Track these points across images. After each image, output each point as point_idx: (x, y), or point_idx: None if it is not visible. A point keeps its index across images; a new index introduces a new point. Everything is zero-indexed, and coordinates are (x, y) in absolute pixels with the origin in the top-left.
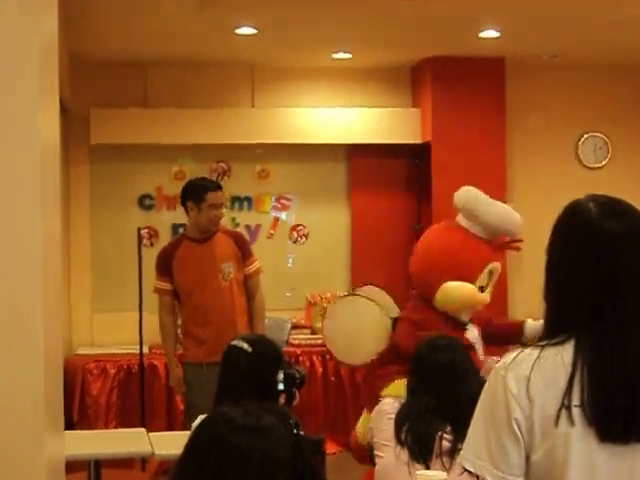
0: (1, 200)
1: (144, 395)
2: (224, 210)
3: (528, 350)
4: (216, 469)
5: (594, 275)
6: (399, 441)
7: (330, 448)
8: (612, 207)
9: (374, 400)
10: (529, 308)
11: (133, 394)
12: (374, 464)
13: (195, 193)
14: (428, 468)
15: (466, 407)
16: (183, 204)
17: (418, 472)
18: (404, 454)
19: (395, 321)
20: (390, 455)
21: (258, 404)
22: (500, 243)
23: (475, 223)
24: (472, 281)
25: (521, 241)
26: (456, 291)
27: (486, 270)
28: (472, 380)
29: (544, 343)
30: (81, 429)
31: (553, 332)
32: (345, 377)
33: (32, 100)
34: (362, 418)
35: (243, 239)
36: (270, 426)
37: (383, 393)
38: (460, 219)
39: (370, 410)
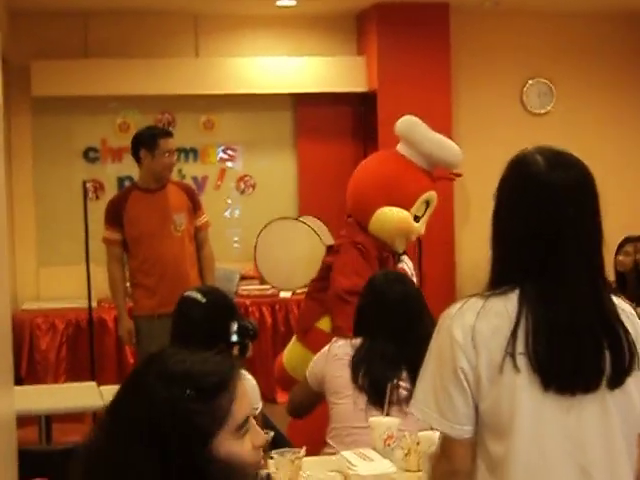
0: None
1: (94, 349)
2: (175, 158)
3: (473, 299)
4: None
5: (539, 226)
6: (357, 386)
7: (282, 397)
8: (558, 159)
9: (306, 326)
10: (475, 253)
11: (82, 348)
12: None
13: (147, 140)
14: (387, 414)
15: (421, 349)
16: (135, 154)
17: (371, 418)
18: (362, 400)
19: (330, 249)
20: (347, 402)
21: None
22: (439, 174)
23: (415, 151)
24: (407, 208)
25: (460, 175)
26: (391, 216)
27: (422, 198)
28: (426, 318)
29: (489, 293)
30: (30, 385)
31: (498, 282)
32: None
33: None
34: (291, 344)
35: (193, 191)
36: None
37: (319, 325)
38: (400, 147)
39: (301, 338)
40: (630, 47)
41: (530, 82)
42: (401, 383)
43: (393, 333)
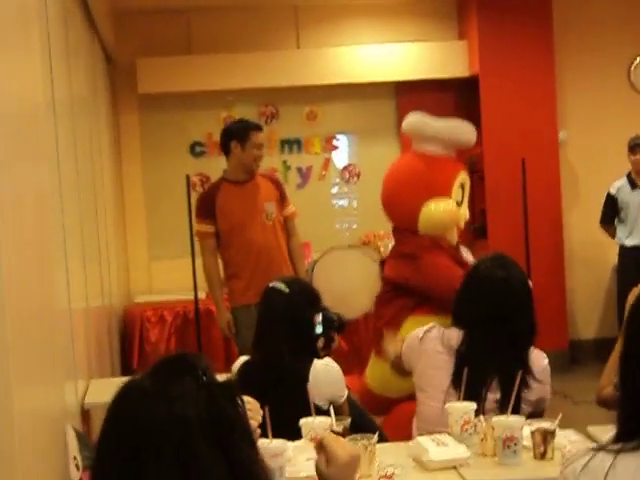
0: None
1: (201, 340)
2: (263, 151)
3: (600, 455)
4: (133, 440)
5: None
6: (455, 387)
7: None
8: None
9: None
10: (584, 234)
11: (191, 339)
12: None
13: (239, 133)
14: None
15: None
16: (225, 145)
17: (448, 404)
18: (454, 396)
19: (382, 264)
20: (435, 404)
21: (165, 361)
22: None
23: (430, 144)
24: (447, 196)
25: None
26: (436, 210)
27: (457, 182)
28: (527, 311)
29: (619, 447)
30: None
31: (630, 432)
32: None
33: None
34: (371, 364)
35: (280, 182)
36: (177, 388)
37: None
38: (416, 146)
39: (379, 354)
40: None
41: (638, 60)
42: (489, 395)
43: (493, 323)
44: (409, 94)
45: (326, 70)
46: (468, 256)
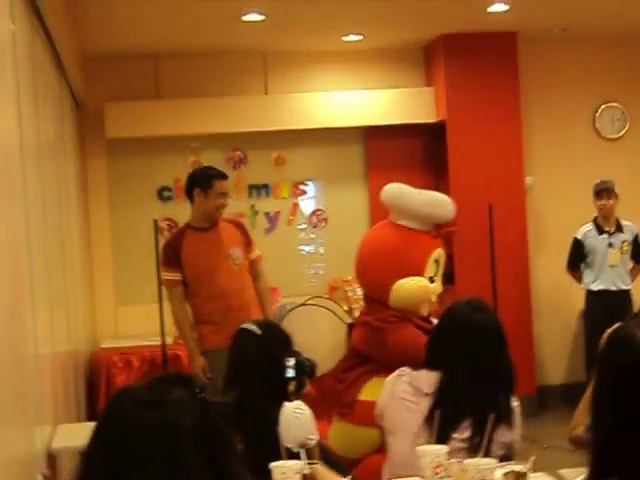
0: None
1: None
2: (229, 199)
3: None
4: (122, 446)
5: None
6: (427, 428)
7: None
8: None
9: (347, 405)
10: (550, 278)
11: None
12: None
13: (203, 181)
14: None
15: (493, 394)
16: (189, 192)
17: (420, 447)
18: (424, 439)
19: (351, 327)
20: (404, 446)
21: (163, 375)
22: (439, 231)
23: (408, 217)
24: (420, 274)
25: (456, 231)
26: (408, 288)
27: (430, 260)
28: (504, 354)
29: None
30: None
31: (601, 473)
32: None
33: None
34: (333, 427)
35: (244, 226)
36: (173, 398)
37: (362, 397)
38: (394, 217)
39: (344, 416)
40: None
41: (603, 107)
42: (456, 435)
43: (468, 365)
44: (377, 139)
45: (294, 115)
46: None
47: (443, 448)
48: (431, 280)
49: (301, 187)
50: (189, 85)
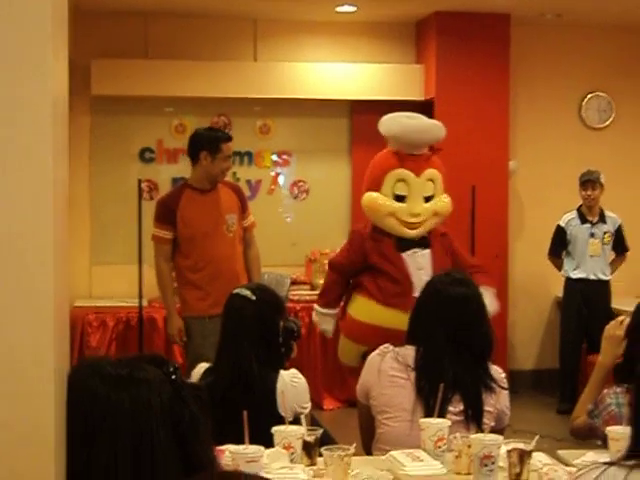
0: (14, 149)
1: (143, 347)
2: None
3: (612, 470)
4: (87, 420)
5: None
6: (424, 402)
7: (328, 404)
8: None
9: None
10: (527, 264)
11: (131, 346)
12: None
13: (210, 143)
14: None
15: (477, 365)
16: (193, 154)
17: (422, 419)
18: (419, 410)
19: None
20: (397, 424)
21: (138, 354)
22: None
23: (391, 142)
24: (377, 190)
25: (440, 149)
26: (364, 199)
27: (390, 177)
28: (485, 324)
29: (632, 463)
30: None
31: None
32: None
33: (44, 51)
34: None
35: (242, 192)
36: (143, 375)
37: (352, 312)
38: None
39: (345, 332)
40: None
41: (589, 96)
42: (451, 408)
43: (450, 338)
44: (364, 114)
45: (282, 84)
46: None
47: (445, 422)
48: (400, 199)
49: (284, 157)
50: (178, 47)
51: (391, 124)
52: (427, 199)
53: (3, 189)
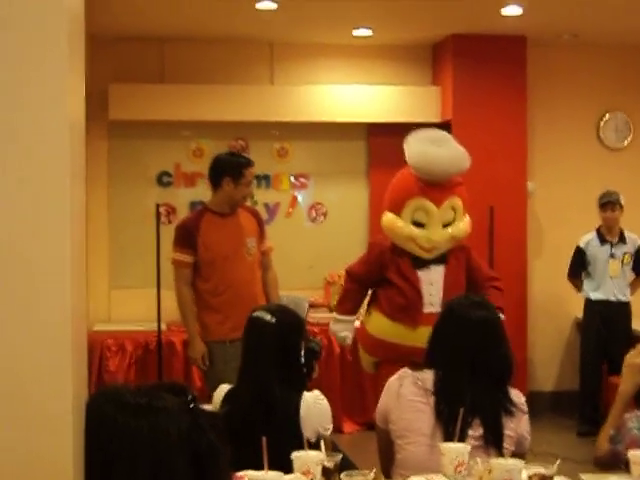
0: (31, 173)
1: (162, 371)
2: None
3: None
4: (106, 449)
5: None
6: (444, 427)
7: (347, 428)
8: None
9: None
10: (547, 285)
11: (151, 371)
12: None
13: (234, 169)
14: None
15: (496, 390)
16: (216, 179)
17: (442, 444)
18: (439, 435)
19: None
20: (416, 449)
21: (157, 382)
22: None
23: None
24: (396, 213)
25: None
26: (383, 221)
27: (410, 205)
28: (504, 349)
29: None
30: None
31: None
32: None
33: (61, 76)
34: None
35: (261, 216)
36: (162, 404)
37: (365, 324)
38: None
39: (359, 341)
40: None
41: (607, 116)
42: (470, 432)
43: (469, 361)
44: (381, 136)
45: (299, 107)
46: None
47: (465, 447)
48: (419, 225)
49: (302, 180)
50: (194, 71)
51: (416, 154)
52: (446, 225)
53: (20, 213)
